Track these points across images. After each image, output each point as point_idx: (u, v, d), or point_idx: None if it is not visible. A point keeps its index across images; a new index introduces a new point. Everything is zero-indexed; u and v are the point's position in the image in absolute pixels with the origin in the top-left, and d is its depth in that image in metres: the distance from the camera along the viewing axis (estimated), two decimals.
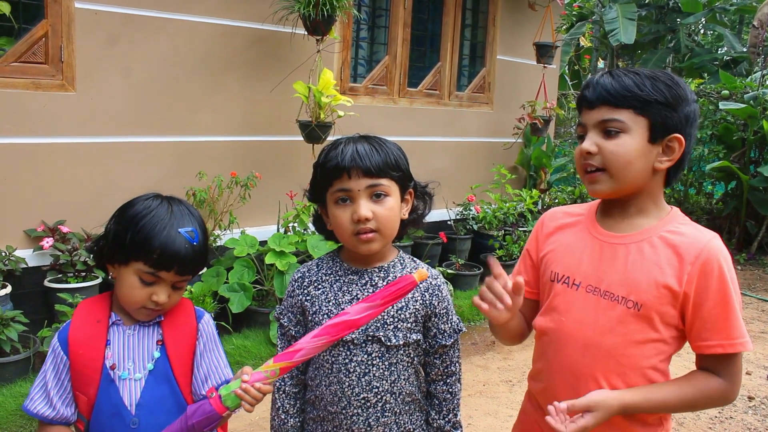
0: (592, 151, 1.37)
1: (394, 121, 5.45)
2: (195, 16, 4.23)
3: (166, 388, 1.43)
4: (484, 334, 4.67)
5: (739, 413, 3.64)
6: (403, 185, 1.49)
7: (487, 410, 3.53)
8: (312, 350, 1.31)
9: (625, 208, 1.42)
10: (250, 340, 3.91)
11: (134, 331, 1.45)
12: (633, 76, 1.37)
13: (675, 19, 11.19)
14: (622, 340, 1.36)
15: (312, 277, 1.54)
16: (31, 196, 3.73)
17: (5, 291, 3.43)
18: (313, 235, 4.35)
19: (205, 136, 4.39)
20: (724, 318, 1.32)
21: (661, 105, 1.35)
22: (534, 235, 1.60)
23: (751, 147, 7.34)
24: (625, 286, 1.37)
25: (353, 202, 1.43)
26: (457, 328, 1.55)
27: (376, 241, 1.44)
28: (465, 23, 6.15)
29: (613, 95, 1.35)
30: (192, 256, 1.40)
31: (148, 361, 1.43)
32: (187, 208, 1.45)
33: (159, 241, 1.36)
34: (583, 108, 1.42)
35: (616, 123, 1.35)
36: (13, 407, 3.04)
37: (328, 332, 1.31)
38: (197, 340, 1.48)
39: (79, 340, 1.42)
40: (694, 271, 1.33)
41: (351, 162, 1.41)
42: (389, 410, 1.48)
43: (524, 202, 5.92)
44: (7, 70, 3.57)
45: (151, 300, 1.40)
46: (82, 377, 1.41)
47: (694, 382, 1.37)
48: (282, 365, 1.31)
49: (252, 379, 1.28)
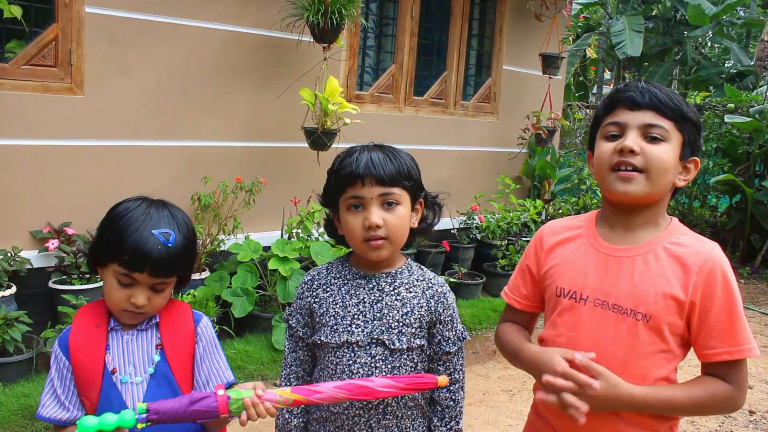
0: (636, 150, 1.35)
1: (400, 130, 5.47)
2: (203, 22, 4.26)
3: (168, 391, 1.43)
4: (485, 343, 4.67)
5: (740, 427, 3.63)
6: (414, 195, 1.53)
7: (487, 419, 3.53)
8: (329, 398, 1.36)
9: (631, 219, 1.43)
10: (252, 345, 3.93)
11: (132, 336, 1.46)
12: (673, 94, 1.39)
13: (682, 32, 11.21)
14: (633, 353, 1.37)
15: (321, 280, 1.57)
16: (37, 198, 3.76)
17: (10, 291, 3.45)
18: (316, 242, 4.36)
19: (211, 141, 4.42)
20: (730, 325, 1.34)
21: (694, 126, 1.39)
22: (533, 250, 1.59)
23: (756, 161, 7.33)
24: (633, 298, 1.38)
25: (365, 209, 1.46)
26: (462, 336, 1.57)
27: (385, 248, 1.47)
28: (471, 33, 6.18)
29: (663, 102, 1.37)
30: (166, 258, 1.38)
31: (149, 365, 1.44)
32: (169, 210, 1.44)
33: (130, 242, 1.36)
34: (623, 108, 1.40)
35: (661, 130, 1.36)
36: (16, 407, 3.05)
37: (350, 389, 1.36)
38: (197, 343, 1.49)
39: (80, 345, 1.43)
40: (699, 280, 1.34)
41: (365, 170, 1.44)
42: (391, 413, 1.50)
43: (528, 212, 5.93)
44: (17, 73, 3.61)
45: (130, 302, 1.40)
46: (84, 382, 1.42)
47: (703, 384, 1.38)
48: (297, 398, 1.35)
49: (265, 396, 1.31)
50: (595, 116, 1.49)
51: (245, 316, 4.01)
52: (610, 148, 1.39)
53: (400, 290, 1.52)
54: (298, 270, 4.12)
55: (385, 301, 1.50)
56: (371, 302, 1.50)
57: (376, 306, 1.50)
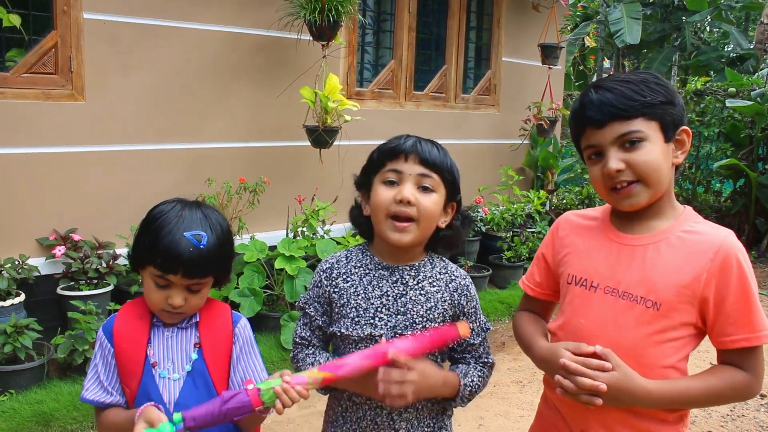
0: (621, 169, 1.35)
1: (401, 125, 5.46)
2: (201, 24, 4.27)
3: (204, 390, 1.46)
4: (493, 335, 4.67)
5: (752, 411, 3.63)
6: (450, 192, 1.52)
7: (498, 411, 3.54)
8: (356, 369, 1.34)
9: (644, 211, 1.42)
10: (261, 345, 3.94)
11: (172, 333, 1.49)
12: (626, 85, 1.36)
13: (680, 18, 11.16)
14: (642, 340, 1.37)
15: (341, 269, 1.54)
16: (42, 205, 3.77)
17: (19, 299, 3.46)
18: (322, 239, 4.37)
19: (214, 142, 4.43)
20: (747, 312, 1.34)
21: (664, 104, 1.37)
22: (550, 238, 1.61)
23: (758, 144, 7.31)
24: (644, 285, 1.37)
25: (401, 184, 1.45)
26: (485, 326, 1.58)
27: (410, 231, 1.44)
28: (470, 26, 6.17)
29: (622, 108, 1.35)
30: (198, 260, 1.39)
31: (186, 363, 1.46)
32: (203, 212, 1.46)
33: (163, 244, 1.38)
34: (589, 129, 1.40)
35: (635, 133, 1.35)
36: (29, 414, 3.06)
37: (375, 356, 1.35)
38: (234, 344, 1.50)
39: (124, 334, 1.46)
40: (714, 268, 1.34)
41: (412, 147, 1.46)
42: (412, 406, 1.49)
43: (532, 203, 5.93)
44: (18, 81, 3.62)
45: (167, 303, 1.43)
46: (125, 370, 1.46)
47: (718, 374, 1.38)
48: (325, 375, 1.34)
49: (294, 381, 1.31)
50: (571, 130, 1.49)
51: (253, 316, 4.02)
52: (598, 173, 1.39)
53: (423, 284, 1.51)
54: (305, 268, 4.13)
55: (410, 295, 1.49)
56: (395, 296, 1.48)
57: (400, 300, 1.48)
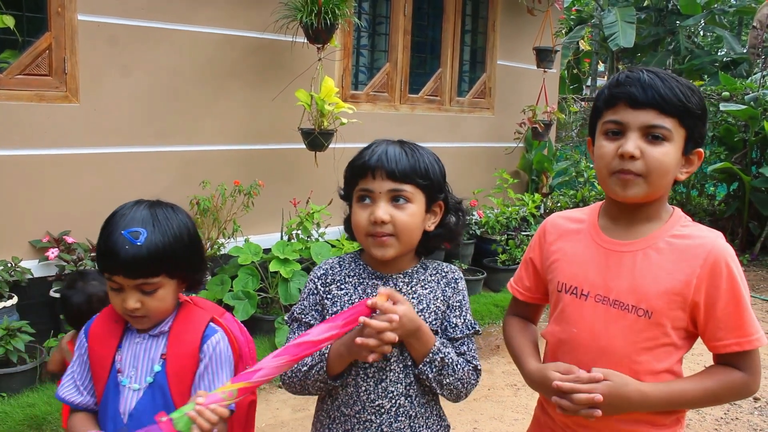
0: (636, 156, 1.30)
1: (396, 128, 5.46)
2: (197, 26, 4.26)
3: (161, 404, 1.39)
4: (488, 338, 4.67)
5: (745, 414, 3.64)
6: (431, 195, 1.47)
7: (492, 414, 3.54)
8: (272, 370, 1.30)
9: (635, 214, 1.40)
10: (255, 348, 3.92)
11: (143, 340, 1.45)
12: (675, 82, 1.31)
13: (674, 22, 11.21)
14: (635, 348, 1.36)
15: (335, 276, 1.52)
16: (35, 207, 3.75)
17: (11, 302, 3.44)
18: (316, 242, 4.36)
19: (208, 145, 4.42)
20: (737, 316, 1.33)
21: (698, 119, 1.34)
22: (537, 242, 1.59)
23: (752, 148, 7.34)
24: (635, 294, 1.36)
25: (373, 203, 1.42)
26: (471, 326, 1.50)
27: (391, 246, 1.42)
28: (465, 29, 6.18)
29: (666, 101, 1.29)
30: (136, 258, 1.32)
31: (149, 374, 1.42)
32: (153, 210, 1.39)
33: (104, 245, 1.36)
34: (622, 104, 1.33)
35: (663, 130, 1.30)
36: (21, 417, 3.04)
37: (289, 352, 1.30)
38: (200, 360, 1.43)
39: (97, 336, 1.45)
40: (704, 273, 1.33)
41: (377, 162, 1.41)
42: (403, 414, 1.46)
43: (526, 207, 5.93)
44: (11, 83, 3.61)
45: (123, 307, 1.38)
46: (94, 372, 1.44)
47: (715, 375, 1.37)
48: (240, 386, 1.28)
49: (207, 401, 1.25)
50: (595, 106, 1.43)
51: (248, 319, 4.00)
52: (610, 151, 1.34)
53: (416, 288, 1.48)
54: (299, 271, 4.12)
55: None
56: None
57: None
